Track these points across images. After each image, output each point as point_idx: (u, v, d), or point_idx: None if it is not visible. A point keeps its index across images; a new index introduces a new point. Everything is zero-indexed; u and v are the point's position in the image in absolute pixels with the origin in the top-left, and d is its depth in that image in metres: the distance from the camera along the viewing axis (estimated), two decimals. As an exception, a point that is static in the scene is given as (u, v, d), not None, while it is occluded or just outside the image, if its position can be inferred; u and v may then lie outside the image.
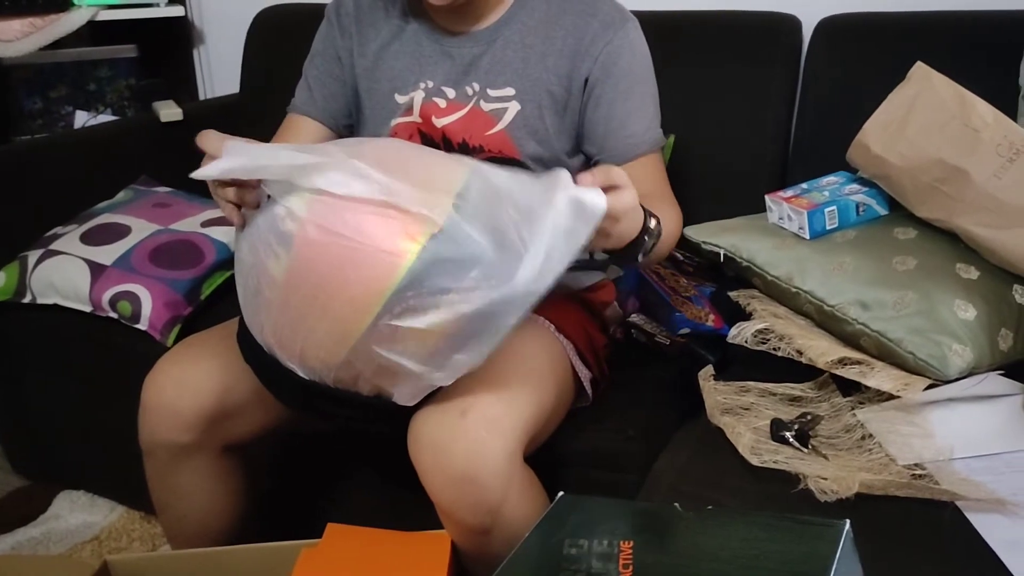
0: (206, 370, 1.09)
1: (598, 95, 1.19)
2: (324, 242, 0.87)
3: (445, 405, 0.98)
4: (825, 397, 1.13)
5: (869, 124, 1.23)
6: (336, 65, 1.30)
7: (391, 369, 0.92)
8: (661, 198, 1.18)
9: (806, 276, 1.18)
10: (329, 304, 0.89)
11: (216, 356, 1.11)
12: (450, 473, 0.95)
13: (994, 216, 1.11)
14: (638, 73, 1.20)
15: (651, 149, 1.21)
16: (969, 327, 1.06)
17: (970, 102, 1.15)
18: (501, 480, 0.96)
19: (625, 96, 1.19)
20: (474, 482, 0.95)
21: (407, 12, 1.25)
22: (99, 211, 1.65)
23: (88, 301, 1.48)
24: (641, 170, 1.18)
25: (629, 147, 1.19)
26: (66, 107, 2.19)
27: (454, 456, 0.95)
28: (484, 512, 0.97)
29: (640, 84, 1.21)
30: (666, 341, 1.34)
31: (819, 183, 1.32)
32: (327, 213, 0.87)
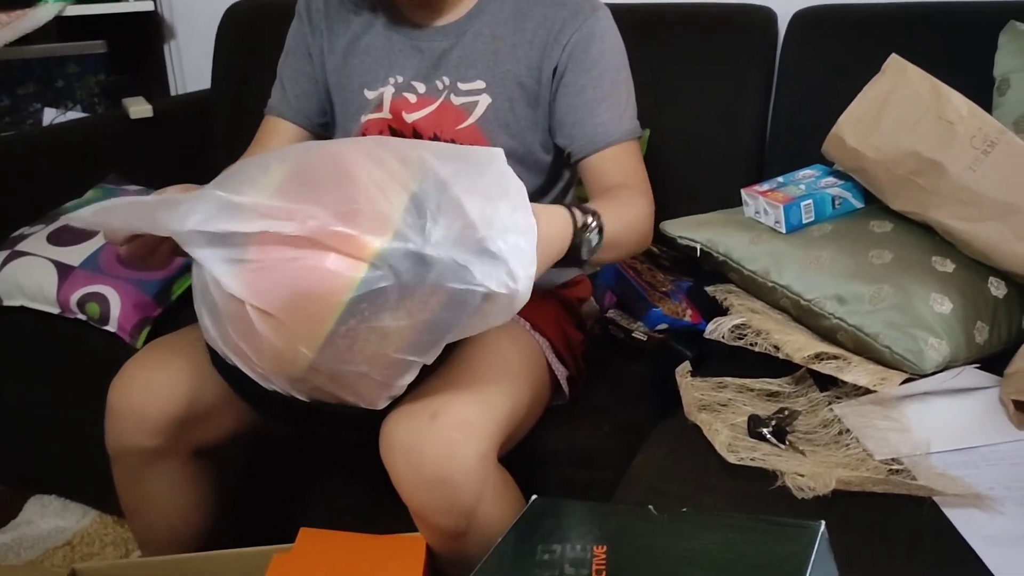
0: (174, 373, 1.07)
1: (567, 83, 1.17)
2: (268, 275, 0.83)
3: (416, 408, 0.96)
4: (802, 392, 1.13)
5: (844, 117, 1.22)
6: (307, 63, 1.28)
7: (350, 380, 0.89)
8: (633, 189, 1.16)
9: (783, 270, 1.18)
10: (279, 327, 0.83)
11: (184, 359, 1.08)
12: (422, 476, 0.94)
13: (969, 209, 1.11)
14: (609, 61, 1.18)
15: (623, 138, 1.18)
16: (945, 321, 1.06)
17: (945, 94, 1.15)
18: (475, 482, 0.94)
19: (595, 84, 1.16)
20: (447, 485, 0.93)
21: (376, 7, 1.23)
22: (66, 211, 1.62)
23: (56, 303, 1.46)
24: (612, 160, 1.17)
25: (599, 136, 1.16)
26: (34, 104, 2.15)
27: (426, 459, 0.93)
28: (458, 515, 0.95)
29: (610, 72, 1.18)
30: (643, 337, 1.33)
31: (795, 176, 1.31)
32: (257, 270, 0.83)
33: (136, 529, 1.21)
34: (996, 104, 1.31)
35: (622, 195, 1.14)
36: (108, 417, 1.09)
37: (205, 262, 0.84)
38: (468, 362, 1.05)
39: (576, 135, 1.18)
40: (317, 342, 0.83)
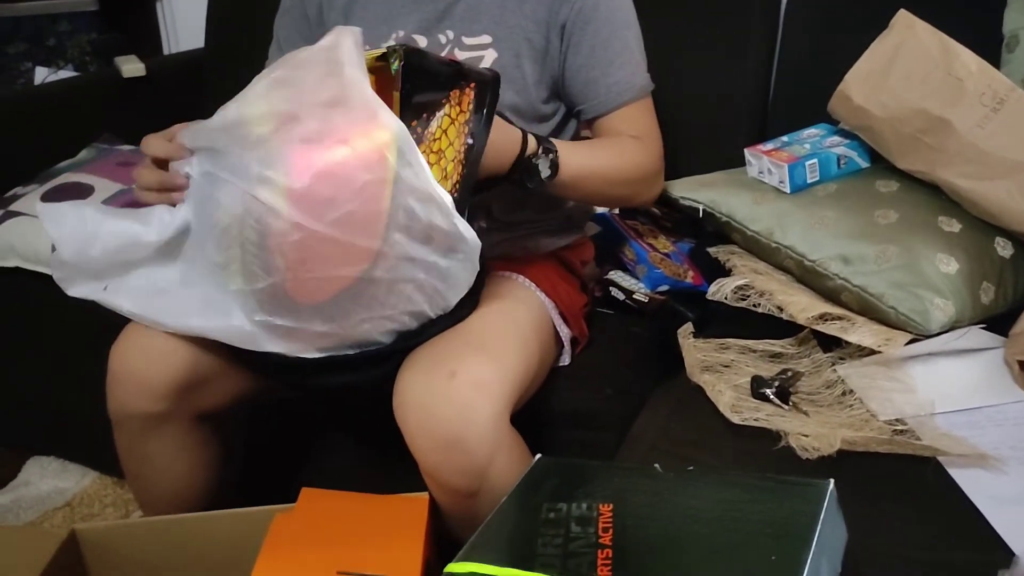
0: (175, 337, 1.06)
1: (576, 43, 1.15)
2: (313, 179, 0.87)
3: (433, 367, 0.96)
4: (806, 353, 1.12)
5: (851, 74, 1.20)
6: (304, 24, 1.25)
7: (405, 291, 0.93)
8: (637, 141, 1.18)
9: (787, 231, 1.16)
10: (342, 222, 0.87)
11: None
12: (437, 436, 0.93)
13: (977, 167, 1.09)
14: (618, 18, 1.16)
15: (637, 96, 1.18)
16: (951, 281, 1.05)
17: (953, 51, 1.13)
18: (488, 443, 0.94)
19: (605, 44, 1.15)
20: (462, 445, 0.93)
21: None
22: (60, 170, 1.60)
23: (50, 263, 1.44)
24: (625, 119, 1.17)
25: (612, 96, 1.16)
26: (25, 63, 2.12)
27: (441, 419, 0.93)
28: (471, 475, 0.95)
29: (621, 30, 1.17)
30: (645, 299, 1.32)
31: (800, 136, 1.29)
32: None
33: (138, 492, 1.21)
34: (1004, 61, 1.29)
35: (619, 142, 1.16)
36: (109, 383, 1.08)
37: (244, 192, 0.89)
38: (482, 323, 1.05)
39: (588, 95, 1.17)
40: (380, 228, 0.88)
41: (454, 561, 0.70)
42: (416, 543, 0.94)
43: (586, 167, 1.11)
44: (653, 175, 1.20)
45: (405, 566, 0.91)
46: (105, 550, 1.07)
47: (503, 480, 0.95)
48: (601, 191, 1.17)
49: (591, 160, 1.12)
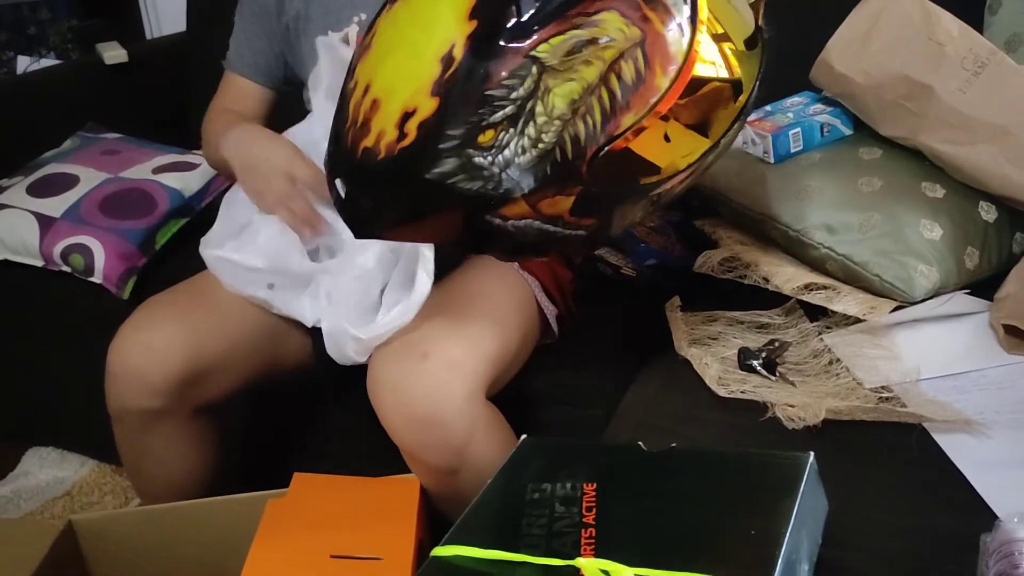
0: (173, 334, 1.06)
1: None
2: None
3: (406, 347, 0.96)
4: (792, 323, 1.12)
5: (832, 41, 1.19)
6: (265, 19, 1.24)
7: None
8: None
9: (771, 201, 1.16)
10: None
11: (183, 318, 1.08)
12: (411, 415, 0.94)
13: (959, 132, 1.09)
14: None
15: None
16: (935, 247, 1.05)
17: (935, 15, 1.12)
18: (464, 421, 0.95)
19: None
20: (436, 424, 0.94)
21: None
22: (45, 161, 1.59)
23: (39, 255, 1.44)
24: None
25: None
26: (7, 52, 2.11)
27: (415, 399, 0.94)
28: (449, 453, 0.96)
29: None
30: (632, 273, 1.32)
31: (783, 104, 1.28)
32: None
33: (137, 483, 1.22)
34: (987, 24, 1.28)
35: None
36: (108, 379, 1.08)
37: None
38: (456, 302, 1.05)
39: None
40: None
41: (440, 545, 0.71)
42: (408, 525, 0.95)
43: None
44: None
45: (398, 548, 0.92)
46: (102, 539, 1.08)
47: (484, 458, 0.96)
48: None
49: None
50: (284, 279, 1.06)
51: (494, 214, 0.77)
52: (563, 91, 0.73)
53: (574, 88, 0.73)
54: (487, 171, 0.75)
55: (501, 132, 0.74)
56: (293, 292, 1.06)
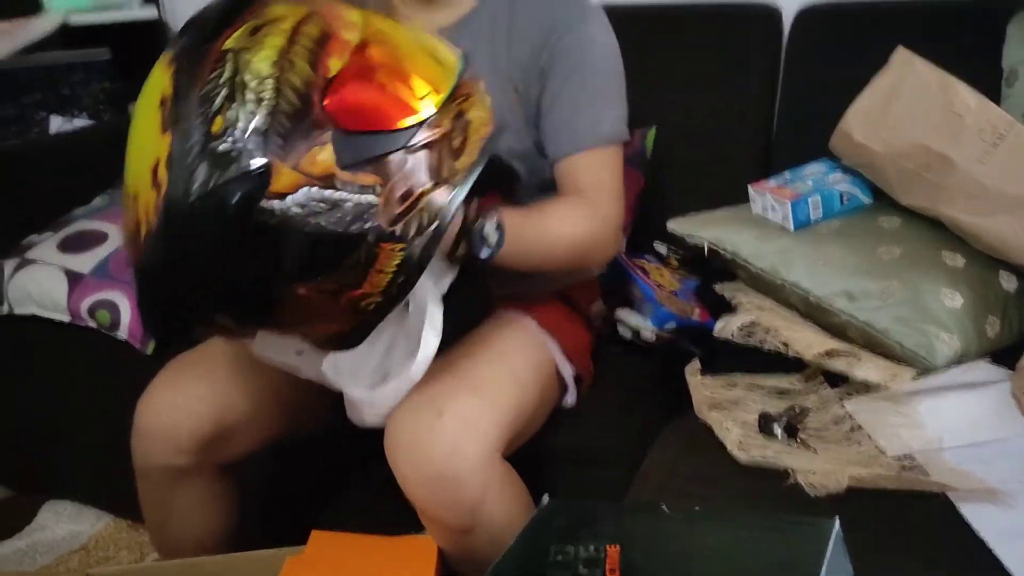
0: (201, 392, 1.08)
1: (551, 85, 1.15)
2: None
3: (421, 406, 0.97)
4: (813, 389, 1.12)
5: (851, 111, 1.21)
6: None
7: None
8: (595, 194, 1.13)
9: (791, 268, 1.17)
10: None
11: (210, 378, 1.10)
12: (426, 473, 0.94)
13: (979, 202, 1.10)
14: (595, 65, 1.15)
15: (599, 143, 1.14)
16: (956, 315, 1.05)
17: (953, 87, 1.14)
18: (478, 480, 0.95)
19: (578, 86, 1.14)
20: (450, 482, 0.94)
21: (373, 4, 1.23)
22: (76, 217, 1.63)
23: (66, 311, 1.46)
24: (583, 163, 1.13)
25: (576, 139, 1.13)
26: (40, 112, 2.15)
27: (430, 457, 0.94)
28: (463, 511, 0.96)
29: (596, 76, 1.14)
30: (652, 336, 1.33)
31: (802, 172, 1.30)
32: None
33: (158, 539, 1.22)
34: (1004, 96, 1.31)
35: (561, 203, 1.12)
36: (135, 436, 1.09)
37: None
38: (473, 361, 1.06)
39: (553, 137, 1.15)
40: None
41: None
42: (425, 585, 0.95)
43: (529, 231, 1.05)
44: (602, 238, 1.14)
45: (415, 608, 0.91)
46: (118, 595, 1.08)
47: (498, 517, 0.96)
48: (546, 257, 1.10)
49: (529, 222, 1.07)
50: None
51: (269, 197, 0.75)
52: (260, 57, 0.77)
53: (268, 53, 0.77)
54: (234, 151, 0.75)
55: (227, 112, 0.75)
56: (319, 357, 1.07)
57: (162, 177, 0.76)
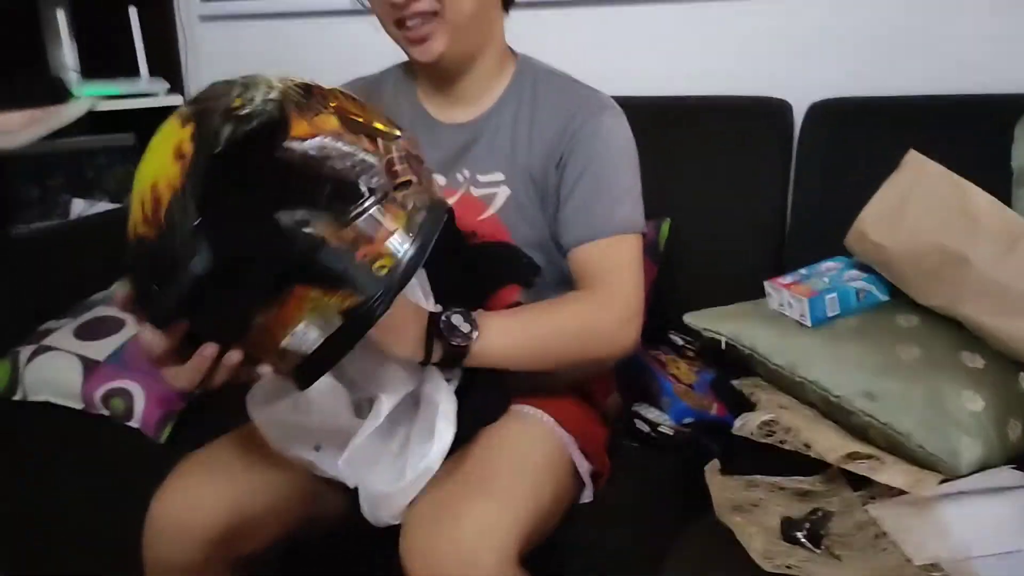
0: (217, 489, 1.07)
1: (567, 175, 1.16)
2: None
3: (437, 509, 0.96)
4: (835, 491, 1.10)
5: (866, 211, 1.22)
6: None
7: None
8: (609, 284, 1.12)
9: (810, 366, 1.17)
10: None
11: (227, 474, 1.09)
12: None
13: (997, 303, 1.10)
14: (611, 157, 1.17)
15: (614, 232, 1.14)
16: (978, 419, 1.04)
17: (966, 189, 1.16)
18: None
19: (595, 178, 1.15)
20: None
21: (399, 102, 1.26)
22: (94, 303, 1.64)
23: (80, 398, 1.46)
24: (597, 251, 1.14)
25: (590, 227, 1.14)
26: (63, 195, 2.19)
27: (446, 565, 0.93)
28: None
29: (612, 167, 1.16)
30: (670, 432, 1.32)
31: (818, 268, 1.31)
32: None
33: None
34: (1016, 197, 1.32)
35: (564, 299, 1.13)
36: (148, 530, 1.08)
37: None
38: (491, 461, 1.05)
39: (567, 225, 1.16)
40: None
41: None
42: None
43: (516, 328, 1.07)
44: (614, 330, 1.12)
45: None
46: None
47: None
48: (546, 351, 1.10)
49: (519, 320, 1.08)
50: (333, 439, 1.07)
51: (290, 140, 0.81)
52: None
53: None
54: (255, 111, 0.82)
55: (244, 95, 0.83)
56: (338, 453, 1.06)
57: (186, 149, 0.80)
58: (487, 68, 1.20)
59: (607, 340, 1.13)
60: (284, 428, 1.08)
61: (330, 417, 1.06)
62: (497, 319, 1.07)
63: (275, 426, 1.08)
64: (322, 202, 0.81)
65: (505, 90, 1.21)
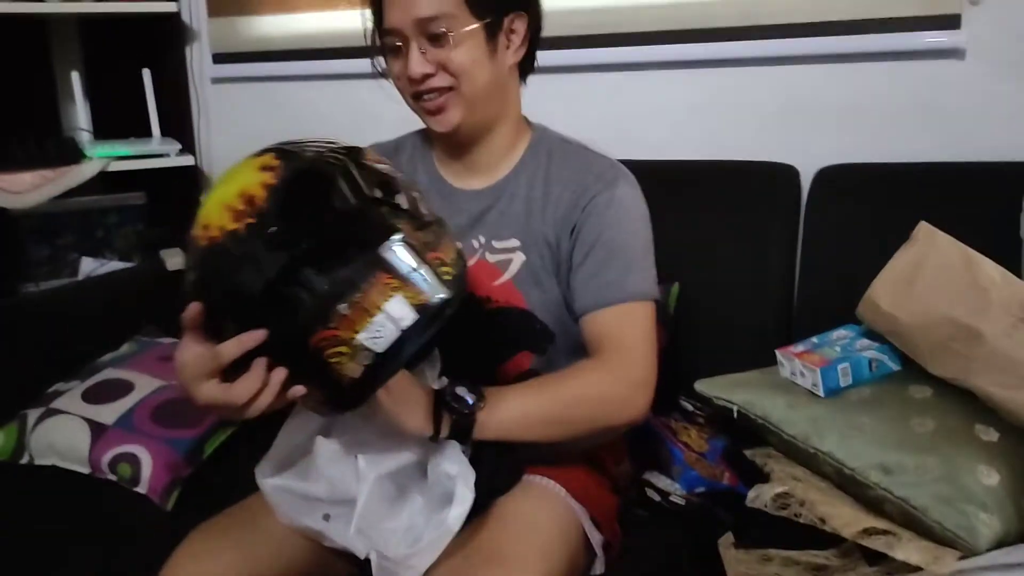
0: (227, 560, 1.06)
1: (580, 242, 1.17)
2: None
3: None
4: (851, 566, 1.09)
5: (878, 281, 1.23)
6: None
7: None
8: (619, 352, 1.12)
9: (823, 437, 1.16)
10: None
11: (236, 547, 1.08)
12: None
13: (1009, 376, 1.10)
14: (623, 227, 1.17)
15: (626, 299, 1.14)
16: (994, 494, 1.04)
17: (976, 261, 1.16)
18: None
19: (607, 245, 1.16)
20: None
21: (416, 169, 1.28)
22: (103, 365, 1.64)
23: (87, 463, 1.45)
24: (608, 318, 1.14)
25: (601, 294, 1.14)
26: (73, 253, 2.20)
27: None
28: None
29: (625, 236, 1.17)
30: (682, 501, 1.31)
31: (829, 337, 1.31)
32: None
33: None
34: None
35: (572, 369, 1.13)
36: None
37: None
38: (503, 533, 1.05)
39: (579, 292, 1.17)
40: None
41: None
42: None
43: (524, 399, 1.07)
44: (624, 398, 1.11)
45: None
46: None
47: None
48: (556, 422, 1.10)
49: (527, 391, 1.08)
50: (342, 509, 1.06)
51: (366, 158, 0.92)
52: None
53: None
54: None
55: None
56: (348, 523, 1.05)
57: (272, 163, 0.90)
58: (503, 137, 1.22)
59: (618, 408, 1.12)
60: (293, 498, 1.07)
61: (338, 485, 1.05)
62: (505, 391, 1.07)
63: (284, 497, 1.07)
64: (400, 204, 0.90)
65: (521, 158, 1.23)
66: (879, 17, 1.60)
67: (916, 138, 1.63)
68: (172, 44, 2.23)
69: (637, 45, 1.81)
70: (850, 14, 1.63)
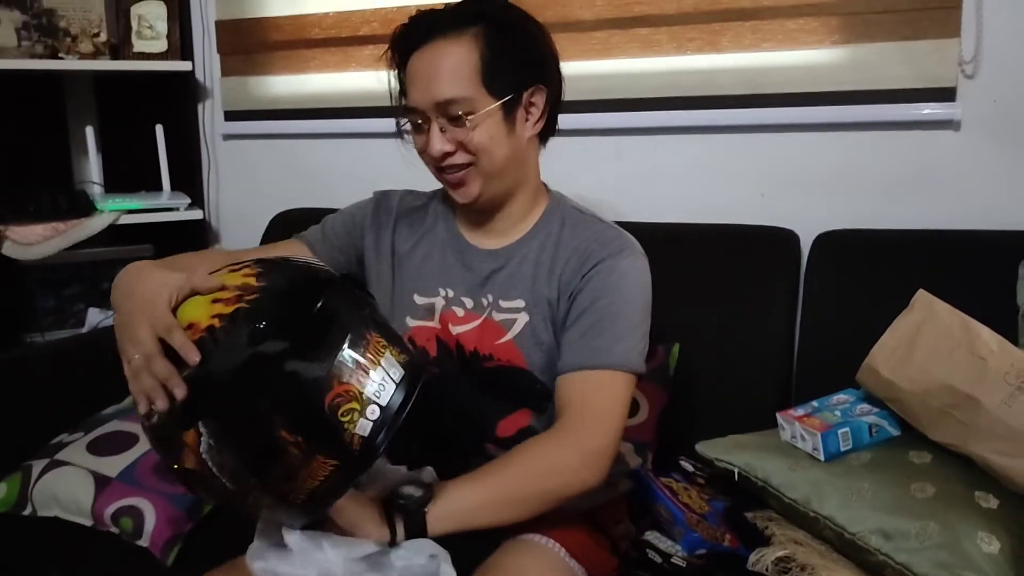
0: None
1: (577, 305, 1.19)
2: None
3: None
4: (852, 632, 1.09)
5: (877, 348, 1.25)
6: (354, 236, 1.34)
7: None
8: (580, 418, 1.13)
9: (824, 501, 1.17)
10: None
11: None
12: None
13: (1008, 444, 1.11)
14: (621, 295, 1.18)
15: (605, 366, 1.15)
16: (995, 561, 1.04)
17: (974, 330, 1.18)
18: None
19: (600, 311, 1.17)
20: None
21: (437, 222, 1.32)
22: (107, 418, 1.65)
23: (90, 515, 1.45)
24: (579, 381, 1.15)
25: (581, 356, 1.16)
26: (79, 304, 2.22)
27: None
28: None
29: (620, 305, 1.18)
30: (683, 563, 1.30)
31: (829, 401, 1.32)
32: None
33: None
34: (1022, 331, 1.35)
35: (535, 438, 1.14)
36: None
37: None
38: None
39: (564, 351, 1.18)
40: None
41: None
42: None
43: (471, 483, 1.08)
44: (571, 467, 1.11)
45: None
46: None
47: None
48: (507, 498, 1.10)
49: (474, 477, 1.09)
50: None
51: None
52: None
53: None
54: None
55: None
56: None
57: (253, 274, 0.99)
58: (521, 204, 1.27)
59: (567, 479, 1.12)
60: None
61: (323, 567, 1.05)
62: (454, 481, 1.08)
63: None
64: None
65: (536, 223, 1.27)
66: (877, 89, 1.65)
67: (914, 205, 1.67)
68: (185, 101, 2.28)
69: (639, 111, 1.86)
70: (849, 85, 1.68)
